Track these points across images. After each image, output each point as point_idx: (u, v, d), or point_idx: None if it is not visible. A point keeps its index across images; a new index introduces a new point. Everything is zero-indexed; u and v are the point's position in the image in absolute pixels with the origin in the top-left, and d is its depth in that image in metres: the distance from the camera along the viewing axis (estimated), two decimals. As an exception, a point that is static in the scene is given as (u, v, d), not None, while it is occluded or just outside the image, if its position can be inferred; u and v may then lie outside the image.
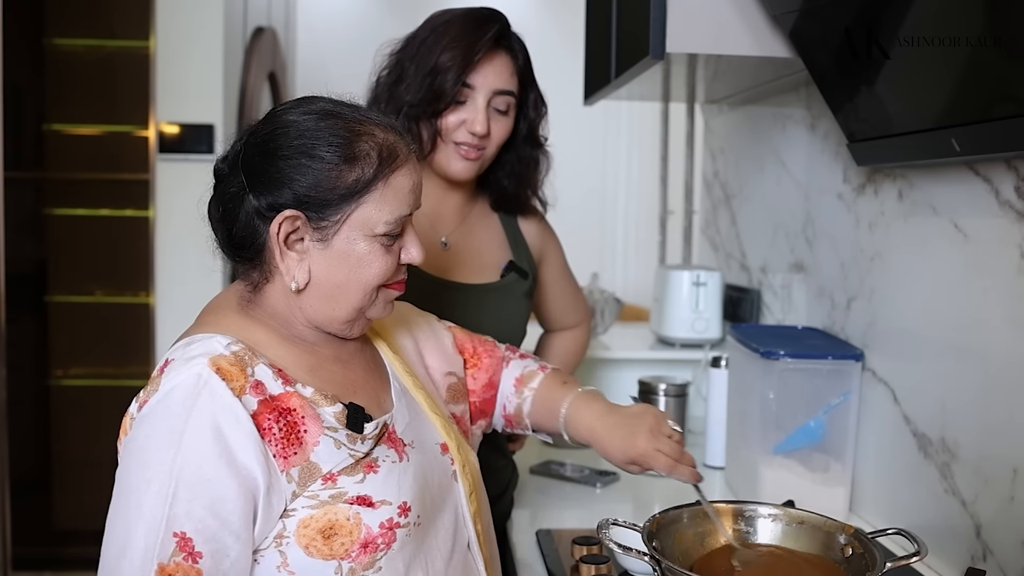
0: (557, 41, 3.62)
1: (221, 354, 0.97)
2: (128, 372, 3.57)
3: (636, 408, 1.26)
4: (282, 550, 0.96)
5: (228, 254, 1.06)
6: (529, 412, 1.31)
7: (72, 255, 3.67)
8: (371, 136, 1.02)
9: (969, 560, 1.29)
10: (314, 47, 4.71)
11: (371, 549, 0.98)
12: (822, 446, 1.60)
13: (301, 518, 0.96)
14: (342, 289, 1.03)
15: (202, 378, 0.94)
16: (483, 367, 1.32)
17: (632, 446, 1.20)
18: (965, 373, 1.32)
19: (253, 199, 1.00)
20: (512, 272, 1.59)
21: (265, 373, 0.99)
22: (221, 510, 0.92)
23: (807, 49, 1.49)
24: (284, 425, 0.96)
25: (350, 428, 1.00)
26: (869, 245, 1.60)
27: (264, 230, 1.00)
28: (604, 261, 4.82)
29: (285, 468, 0.96)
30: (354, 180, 1.00)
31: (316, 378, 1.03)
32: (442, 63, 1.44)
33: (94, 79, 3.62)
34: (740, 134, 2.35)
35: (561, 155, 1.69)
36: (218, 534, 0.92)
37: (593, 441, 1.24)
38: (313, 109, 1.03)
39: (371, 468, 1.01)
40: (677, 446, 1.20)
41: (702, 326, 2.25)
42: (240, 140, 1.04)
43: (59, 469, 3.66)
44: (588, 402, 1.27)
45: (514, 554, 1.47)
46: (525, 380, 1.33)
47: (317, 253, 1.01)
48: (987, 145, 1.16)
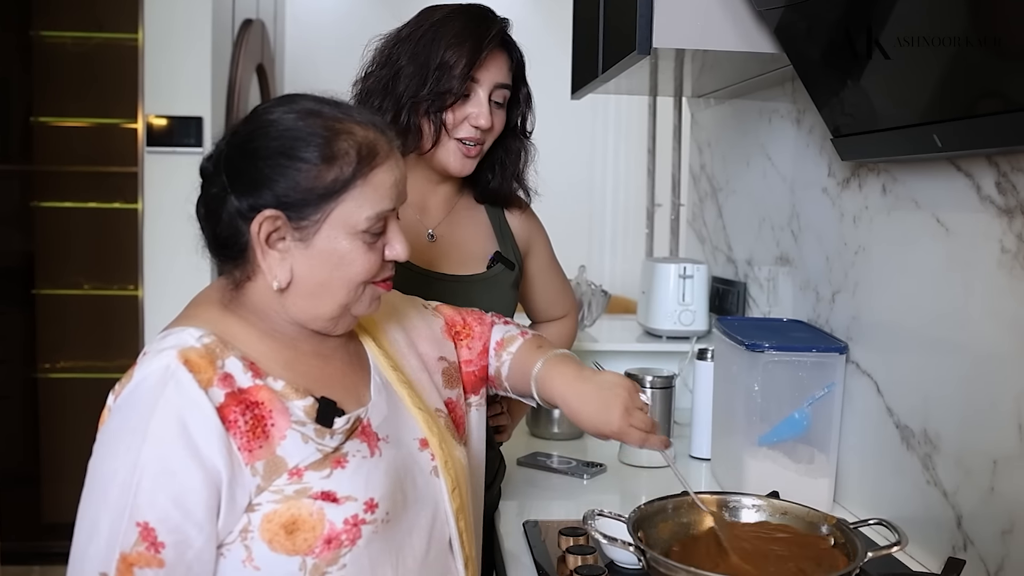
0: (545, 35, 3.62)
1: (191, 346, 0.98)
2: (116, 365, 3.57)
3: (607, 378, 1.23)
4: (247, 544, 0.96)
5: (213, 253, 1.06)
6: (507, 376, 1.31)
7: (60, 248, 3.67)
8: (350, 134, 1.02)
9: (950, 550, 1.31)
10: (302, 39, 4.70)
11: (335, 545, 0.97)
12: (806, 437, 1.61)
13: (265, 512, 0.96)
14: (325, 287, 1.03)
15: (169, 369, 0.95)
16: (476, 336, 1.32)
17: (606, 423, 1.19)
18: (947, 366, 1.34)
19: (235, 200, 1.01)
20: (499, 263, 1.61)
21: (235, 366, 0.99)
22: (184, 501, 0.93)
23: (792, 45, 1.51)
24: (251, 418, 0.97)
25: (319, 422, 1.01)
26: (853, 239, 1.62)
27: (246, 230, 1.01)
28: (592, 253, 4.84)
29: (250, 461, 0.96)
30: (333, 179, 1.00)
31: (291, 372, 1.03)
32: (448, 59, 1.45)
33: (82, 71, 3.61)
34: (727, 128, 2.36)
35: (549, 148, 1.70)
36: (181, 525, 0.93)
37: (564, 407, 1.23)
38: (294, 108, 1.03)
39: (339, 463, 1.00)
40: (648, 418, 1.20)
41: (688, 318, 2.27)
42: (223, 140, 1.05)
43: (48, 462, 3.66)
44: (559, 365, 1.25)
45: (501, 545, 1.48)
46: (505, 344, 1.33)
47: (299, 252, 1.01)
48: (968, 141, 1.17)
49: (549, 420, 2.09)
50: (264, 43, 4.01)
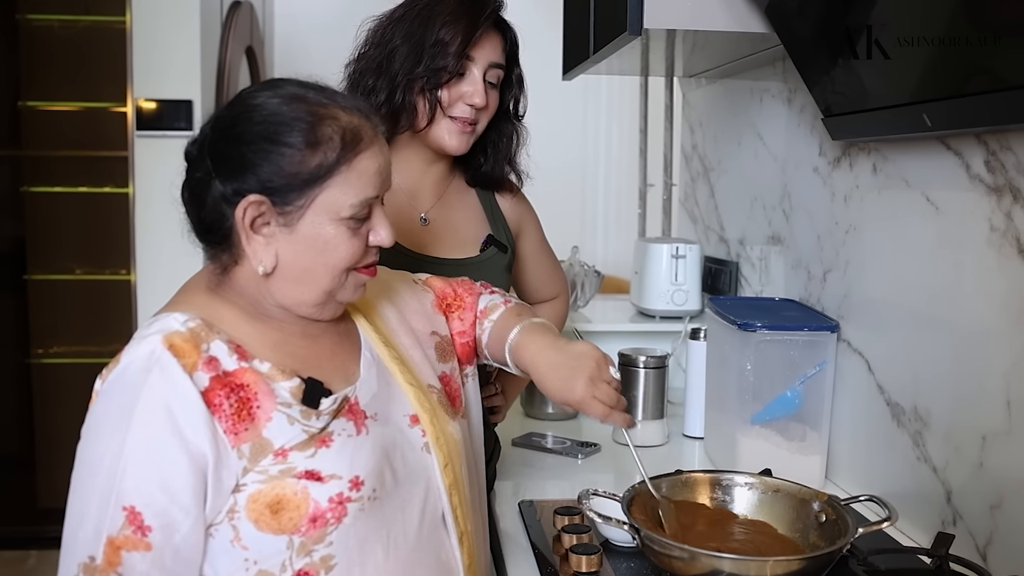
0: (537, 16, 3.60)
1: (176, 331, 0.99)
2: (109, 350, 3.52)
3: (579, 348, 1.21)
4: (234, 524, 0.97)
5: (199, 237, 1.06)
6: (487, 343, 1.30)
7: (51, 233, 3.66)
8: (334, 119, 1.02)
9: (940, 525, 1.32)
10: (291, 21, 4.67)
11: (320, 523, 0.98)
12: (799, 415, 1.63)
13: (251, 493, 0.97)
14: (310, 273, 1.03)
15: (154, 355, 0.96)
16: (467, 306, 1.32)
17: (570, 391, 1.17)
18: (936, 343, 1.35)
19: (219, 184, 1.01)
20: (491, 247, 1.61)
21: (221, 349, 1.00)
22: (170, 485, 0.94)
23: (782, 24, 1.51)
24: (235, 401, 0.98)
25: (305, 403, 1.01)
26: (844, 218, 1.63)
27: (230, 214, 1.01)
28: (584, 234, 4.83)
29: (236, 444, 0.97)
30: (317, 164, 1.00)
31: (278, 353, 1.04)
32: (443, 37, 1.46)
33: (70, 55, 3.59)
34: (718, 107, 2.36)
35: (541, 129, 1.70)
36: (167, 509, 0.94)
37: (533, 373, 1.22)
38: (278, 93, 1.03)
39: (324, 443, 1.01)
40: (614, 393, 1.18)
41: (681, 298, 2.27)
42: (207, 124, 1.05)
43: (42, 448, 3.66)
44: (533, 333, 1.24)
45: (497, 525, 1.49)
46: (487, 312, 1.32)
47: (283, 237, 1.02)
48: (957, 120, 1.18)
49: (543, 400, 2.10)
50: (253, 25, 3.98)
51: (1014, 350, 1.17)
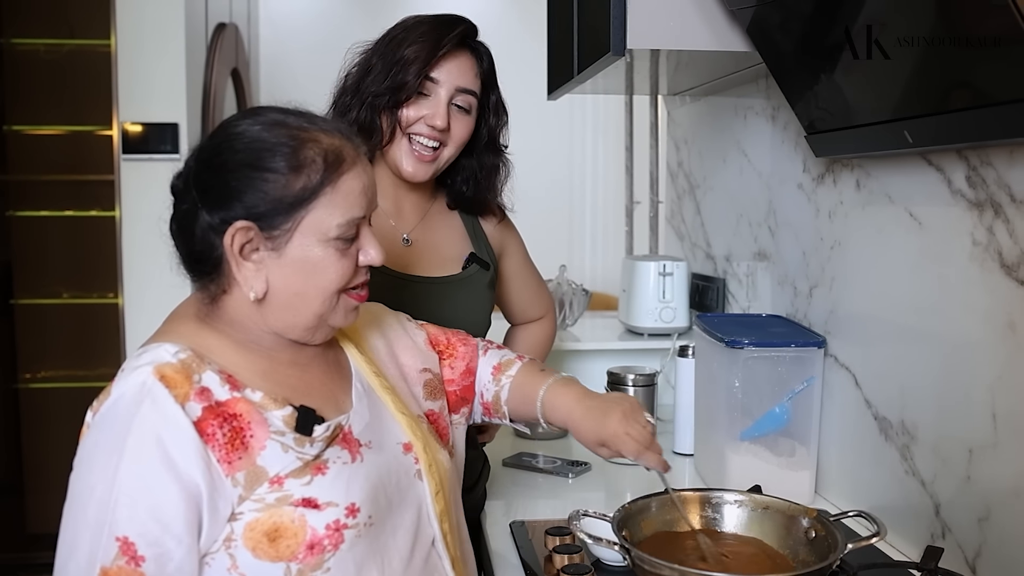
0: (521, 36, 3.63)
1: (167, 362, 0.99)
2: (98, 374, 3.55)
3: (613, 394, 1.29)
4: (231, 552, 0.97)
5: (188, 269, 1.07)
6: (507, 399, 1.32)
7: (38, 257, 3.64)
8: (315, 142, 1.03)
9: (929, 538, 1.33)
10: (277, 42, 4.68)
11: (318, 550, 0.98)
12: (787, 431, 1.63)
13: (247, 521, 0.97)
14: (301, 296, 1.04)
15: (146, 386, 0.96)
16: (459, 355, 1.33)
17: (603, 427, 1.22)
18: (922, 357, 1.36)
19: (206, 215, 1.01)
20: (474, 264, 1.62)
21: (212, 379, 1.00)
22: (163, 515, 0.94)
23: (764, 43, 1.52)
24: (228, 431, 0.97)
25: (299, 431, 1.01)
26: (829, 234, 1.64)
27: (219, 244, 1.01)
28: (572, 252, 4.85)
29: (230, 472, 0.97)
30: (301, 187, 1.01)
31: (269, 382, 1.04)
32: (407, 56, 1.48)
33: (55, 79, 3.59)
34: (703, 125, 2.38)
35: (527, 148, 1.71)
36: (160, 539, 0.93)
37: (570, 424, 1.26)
38: (259, 120, 1.04)
39: (319, 470, 1.01)
40: (647, 433, 1.22)
41: (669, 315, 2.28)
42: (191, 156, 1.06)
43: (31, 473, 3.64)
44: (566, 386, 1.29)
45: (488, 546, 1.49)
46: (503, 368, 1.34)
47: (273, 262, 1.02)
48: (938, 136, 1.19)
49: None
50: (238, 47, 3.99)
51: (999, 363, 1.18)
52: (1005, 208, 1.16)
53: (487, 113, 1.58)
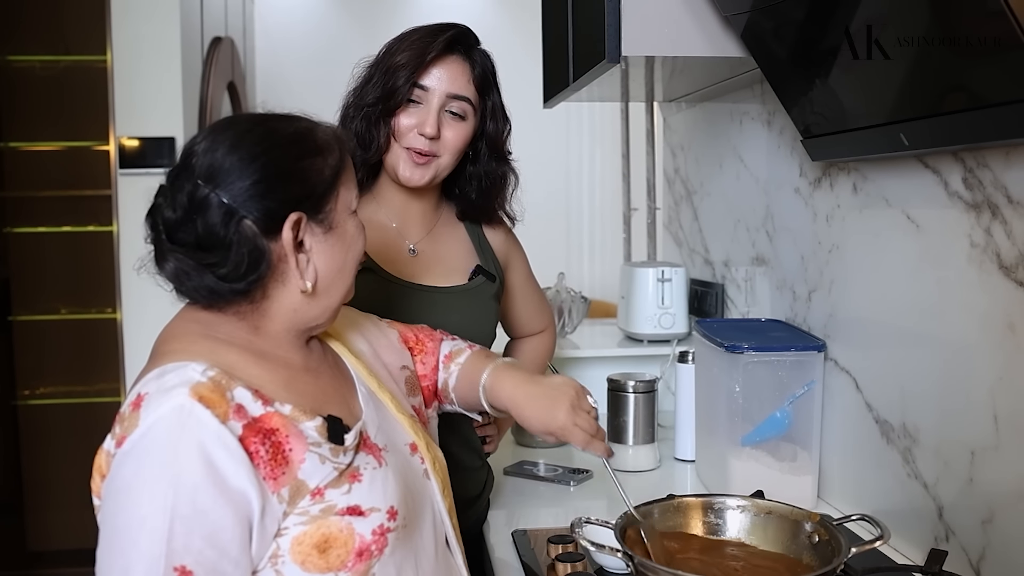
0: (517, 44, 3.63)
1: (200, 381, 0.95)
2: (97, 389, 3.54)
3: (557, 380, 1.27)
4: (278, 569, 0.96)
5: (236, 290, 1.02)
6: (454, 387, 1.33)
7: (35, 273, 3.64)
8: (313, 126, 1.08)
9: (932, 541, 1.33)
10: (272, 55, 4.69)
11: (366, 557, 0.99)
12: (789, 436, 1.63)
13: (295, 535, 0.96)
14: (343, 272, 1.09)
15: (185, 408, 0.93)
16: (428, 351, 1.35)
17: (552, 419, 1.22)
18: (922, 359, 1.35)
19: (251, 223, 0.99)
20: (480, 275, 1.62)
21: (244, 395, 0.98)
22: (219, 540, 0.91)
23: (758, 48, 1.53)
24: (270, 446, 0.96)
25: (331, 440, 1.01)
26: (827, 237, 1.64)
27: (268, 246, 1.00)
28: (571, 259, 4.85)
29: (276, 489, 0.95)
30: (333, 166, 1.06)
31: (293, 393, 1.03)
32: (397, 63, 1.49)
33: (51, 95, 3.59)
34: (699, 131, 2.38)
35: (524, 156, 1.71)
36: (218, 564, 0.92)
37: (512, 408, 1.26)
38: (245, 126, 1.05)
39: (355, 478, 1.02)
40: (594, 422, 1.23)
41: (668, 322, 2.28)
42: (207, 187, 1.00)
43: (30, 491, 3.62)
44: (508, 371, 1.29)
45: (491, 555, 1.48)
46: (453, 356, 1.36)
47: (319, 247, 1.05)
48: (934, 139, 1.20)
49: (533, 428, 2.09)
50: (234, 60, 4.00)
51: (999, 364, 1.18)
52: (1002, 209, 1.16)
53: (485, 119, 1.57)
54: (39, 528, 3.56)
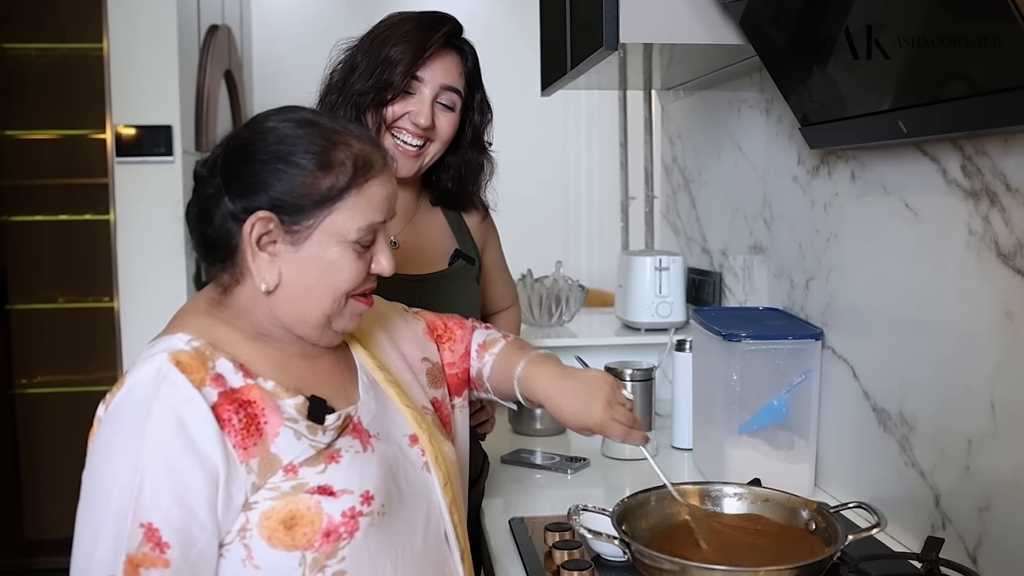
0: (514, 32, 3.63)
1: (181, 349, 1.00)
2: (94, 378, 3.54)
3: (591, 374, 1.29)
4: (246, 543, 0.98)
5: (201, 254, 1.08)
6: (489, 376, 1.34)
7: (32, 262, 3.63)
8: (347, 146, 1.05)
9: (929, 529, 1.33)
10: (269, 43, 4.67)
11: (333, 538, 0.99)
12: (786, 424, 1.63)
13: (263, 510, 0.98)
14: (311, 293, 1.05)
15: (162, 371, 0.97)
16: (457, 338, 1.35)
17: (589, 415, 1.24)
18: (920, 348, 1.35)
19: (229, 202, 1.03)
20: (460, 259, 1.66)
21: (226, 367, 1.01)
22: (187, 500, 0.94)
23: (757, 35, 1.52)
24: (244, 416, 0.98)
25: (311, 419, 1.03)
26: (824, 226, 1.64)
27: (237, 232, 1.03)
28: (568, 248, 4.85)
29: (244, 459, 0.97)
30: (328, 187, 1.03)
31: (280, 372, 1.05)
32: (393, 56, 1.49)
33: (48, 83, 3.58)
34: (697, 119, 2.37)
35: (522, 145, 1.72)
36: (185, 524, 0.94)
37: (547, 403, 1.27)
38: (292, 117, 1.06)
39: (333, 458, 1.03)
40: (630, 414, 1.26)
41: (666, 310, 2.28)
42: (221, 144, 1.07)
43: (29, 479, 3.63)
44: (542, 364, 1.30)
45: (488, 542, 1.49)
46: (487, 346, 1.36)
47: (289, 256, 1.03)
48: (932, 126, 1.19)
49: (531, 417, 2.09)
50: (231, 48, 3.98)
51: (997, 353, 1.18)
52: (1000, 197, 1.16)
53: (472, 111, 1.60)
54: (37, 516, 3.56)
